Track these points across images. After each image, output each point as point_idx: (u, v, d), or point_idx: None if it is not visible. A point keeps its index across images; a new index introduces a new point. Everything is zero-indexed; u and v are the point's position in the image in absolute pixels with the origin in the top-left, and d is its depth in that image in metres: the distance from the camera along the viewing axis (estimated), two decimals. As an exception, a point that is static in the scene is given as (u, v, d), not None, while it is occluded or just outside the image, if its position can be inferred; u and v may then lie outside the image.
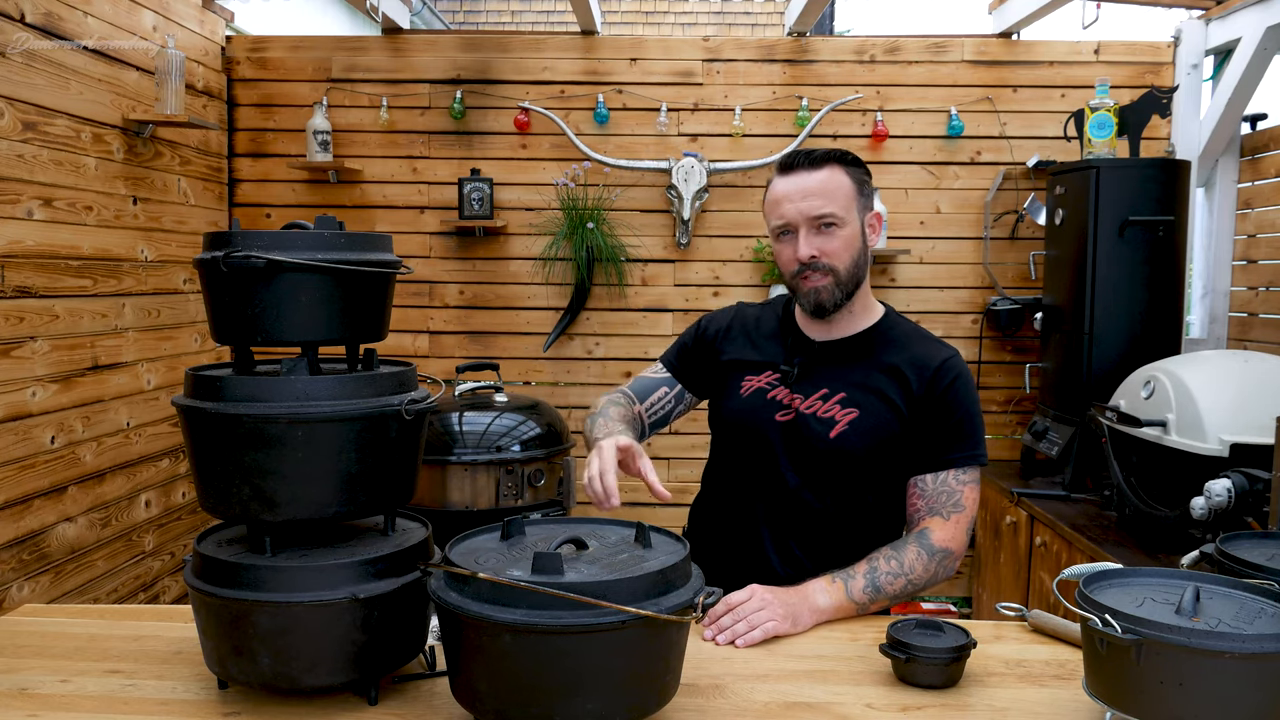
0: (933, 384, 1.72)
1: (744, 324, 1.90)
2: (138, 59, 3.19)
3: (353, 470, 1.31)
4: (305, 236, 1.32)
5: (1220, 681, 1.08)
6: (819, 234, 1.70)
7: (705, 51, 3.93)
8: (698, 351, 1.92)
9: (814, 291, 1.72)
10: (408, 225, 3.97)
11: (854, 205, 1.72)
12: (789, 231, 1.72)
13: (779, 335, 1.85)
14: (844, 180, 1.72)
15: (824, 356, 1.79)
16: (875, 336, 1.79)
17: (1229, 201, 3.78)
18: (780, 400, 1.78)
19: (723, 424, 1.87)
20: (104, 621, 1.65)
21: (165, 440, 3.37)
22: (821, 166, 1.71)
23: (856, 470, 1.74)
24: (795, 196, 1.70)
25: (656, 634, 1.15)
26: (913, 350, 1.76)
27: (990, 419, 4.03)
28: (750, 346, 1.86)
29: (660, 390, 1.93)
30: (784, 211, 1.72)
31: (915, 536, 1.69)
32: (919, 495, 1.73)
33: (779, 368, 1.79)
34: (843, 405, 1.74)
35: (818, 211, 1.69)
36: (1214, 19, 3.74)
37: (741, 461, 1.82)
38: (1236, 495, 2.08)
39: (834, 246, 1.70)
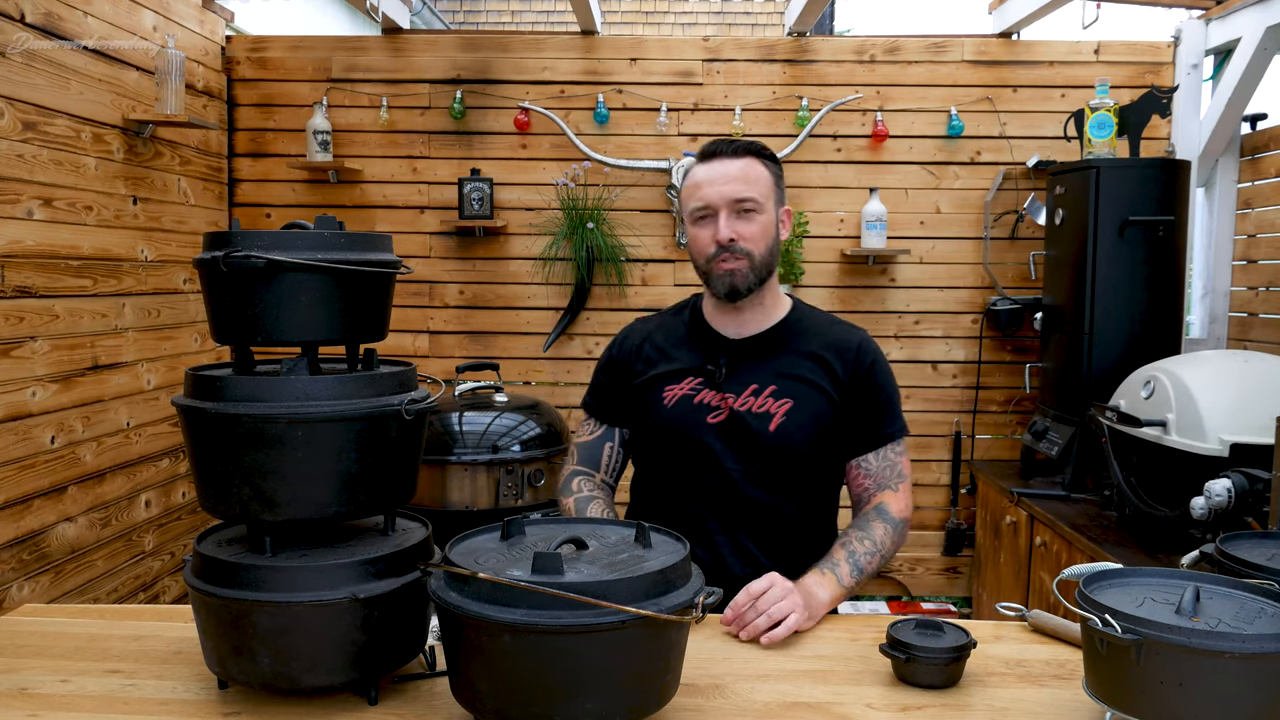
0: (856, 366, 1.79)
1: (651, 338, 1.88)
2: (138, 59, 3.19)
3: (353, 470, 1.31)
4: (305, 236, 1.32)
5: (1220, 681, 1.08)
6: (739, 218, 1.73)
7: (705, 51, 3.93)
8: (613, 387, 1.90)
9: (729, 274, 1.74)
10: (408, 225, 3.97)
11: (772, 196, 1.77)
12: (709, 215, 1.74)
13: (691, 340, 1.84)
14: (763, 172, 1.76)
15: (745, 352, 1.80)
16: (790, 327, 1.83)
17: (1229, 201, 3.78)
18: (709, 403, 1.77)
19: (652, 438, 1.85)
20: (104, 621, 1.65)
21: (165, 440, 3.37)
22: (742, 156, 1.75)
23: (800, 459, 1.77)
24: (717, 181, 1.73)
25: (656, 634, 1.15)
26: (829, 336, 1.82)
27: (990, 419, 4.03)
28: (664, 358, 1.84)
29: (606, 448, 1.91)
30: (705, 194, 1.74)
31: (875, 512, 1.75)
32: (864, 474, 1.80)
33: (702, 370, 1.80)
34: (775, 397, 1.75)
35: (739, 195, 1.72)
36: (1214, 19, 3.74)
37: (680, 470, 1.79)
38: (1236, 495, 2.08)
39: (752, 231, 1.74)
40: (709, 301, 1.86)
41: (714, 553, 1.77)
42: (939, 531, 4.06)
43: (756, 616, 1.53)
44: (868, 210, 3.84)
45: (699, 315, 1.87)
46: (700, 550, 1.77)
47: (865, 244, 3.84)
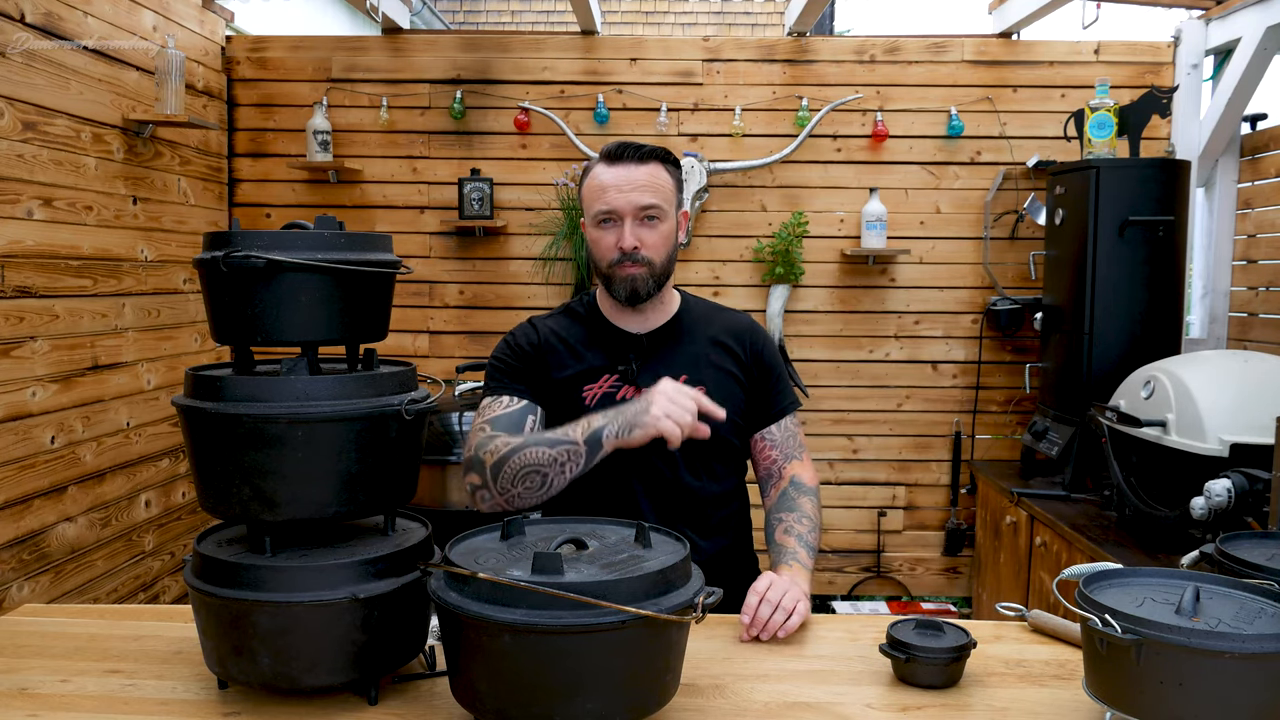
0: (752, 347, 1.88)
1: (556, 339, 1.85)
2: (138, 59, 3.19)
3: (353, 470, 1.31)
4: (305, 236, 1.32)
5: (1220, 681, 1.08)
6: (643, 225, 1.75)
7: (705, 51, 3.93)
8: (530, 370, 1.83)
9: (630, 279, 1.76)
10: (408, 225, 3.97)
11: (673, 202, 1.80)
12: (612, 220, 1.76)
13: (596, 339, 1.85)
14: (667, 178, 1.78)
15: (652, 346, 1.84)
16: (687, 316, 1.89)
17: (1229, 201, 3.78)
18: (629, 398, 1.78)
19: None
20: (104, 621, 1.65)
21: (165, 440, 3.37)
22: (648, 162, 1.77)
23: (722, 442, 1.80)
24: (624, 186, 1.74)
25: (656, 634, 1.15)
26: (721, 321, 1.90)
27: (990, 419, 4.03)
28: (574, 358, 1.83)
29: (529, 420, 1.79)
30: (610, 199, 1.74)
31: (793, 487, 1.85)
32: (770, 446, 1.88)
33: (615, 368, 1.82)
34: (690, 385, 1.75)
35: (645, 202, 1.74)
36: (1214, 19, 3.74)
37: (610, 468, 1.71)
38: (1236, 495, 2.08)
39: (654, 239, 1.76)
40: (606, 300, 1.87)
41: None
42: (939, 531, 4.06)
43: (773, 612, 1.56)
44: (868, 210, 3.84)
45: (597, 313, 1.88)
46: None
47: (865, 244, 3.84)
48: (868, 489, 4.06)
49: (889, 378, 4.01)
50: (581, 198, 1.83)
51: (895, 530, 4.05)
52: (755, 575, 1.88)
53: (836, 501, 4.03)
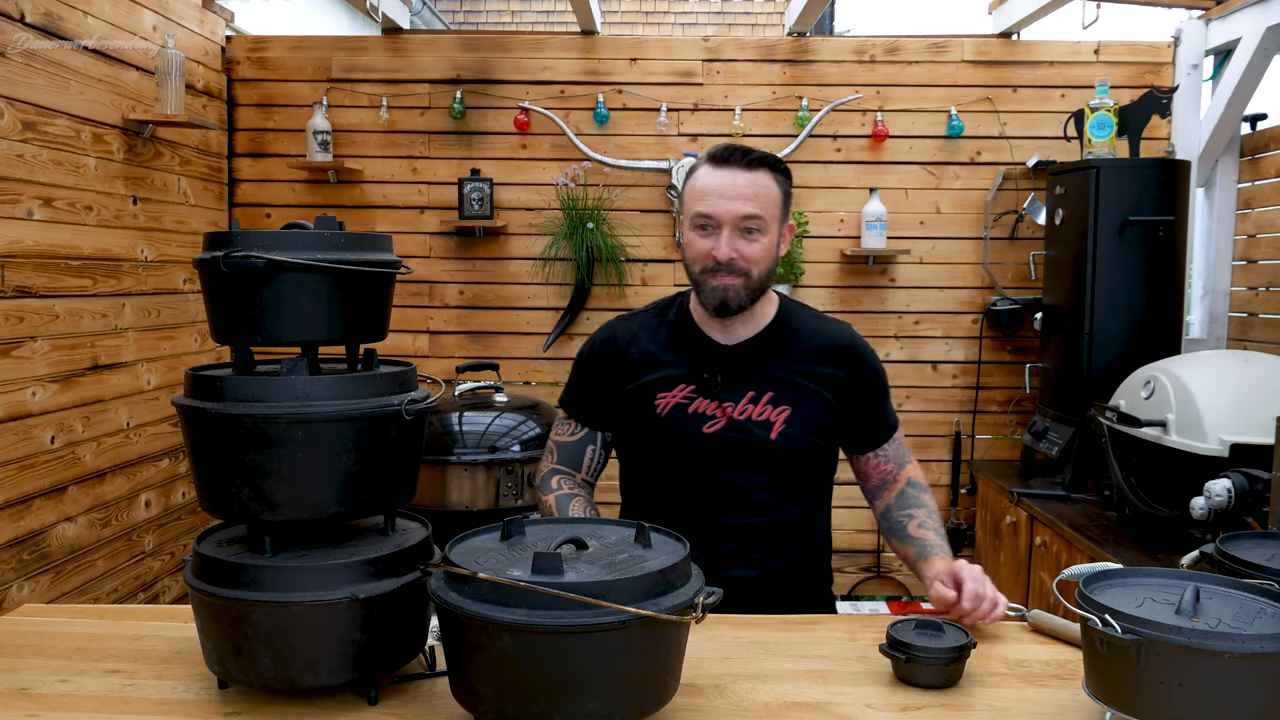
0: (853, 364, 1.79)
1: (636, 343, 1.81)
2: (138, 59, 3.19)
3: (353, 470, 1.31)
4: (305, 236, 1.32)
5: (1220, 681, 1.08)
6: (742, 236, 1.67)
7: (705, 51, 3.93)
8: (596, 387, 1.84)
9: (722, 289, 1.68)
10: (408, 225, 3.97)
11: (778, 215, 1.70)
12: (710, 226, 1.68)
13: (680, 344, 1.79)
14: (774, 188, 1.69)
15: (739, 358, 1.76)
16: (780, 329, 1.79)
17: (1229, 201, 3.78)
18: (704, 411, 1.74)
19: (646, 447, 1.80)
20: (104, 621, 1.65)
21: (165, 440, 3.37)
22: (756, 168, 1.68)
23: (802, 464, 1.77)
24: (727, 193, 1.66)
25: (656, 634, 1.15)
26: (820, 335, 1.80)
27: (990, 419, 4.03)
28: (653, 364, 1.78)
29: (588, 451, 1.86)
30: (712, 206, 1.66)
31: (911, 486, 1.82)
32: (884, 461, 1.84)
33: (697, 378, 1.75)
34: (774, 405, 1.73)
35: (746, 211, 1.65)
36: (1214, 19, 3.74)
37: (677, 477, 1.76)
38: (1236, 495, 2.08)
39: (754, 251, 1.68)
40: (698, 306, 1.80)
41: (717, 557, 1.75)
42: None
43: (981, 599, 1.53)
44: (868, 210, 3.84)
45: (687, 318, 1.81)
46: (703, 555, 1.75)
47: (865, 244, 3.84)
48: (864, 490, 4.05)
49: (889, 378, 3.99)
50: (682, 196, 1.75)
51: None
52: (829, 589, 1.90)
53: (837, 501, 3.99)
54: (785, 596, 1.77)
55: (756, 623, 1.63)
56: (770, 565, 1.76)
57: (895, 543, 1.79)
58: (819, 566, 1.89)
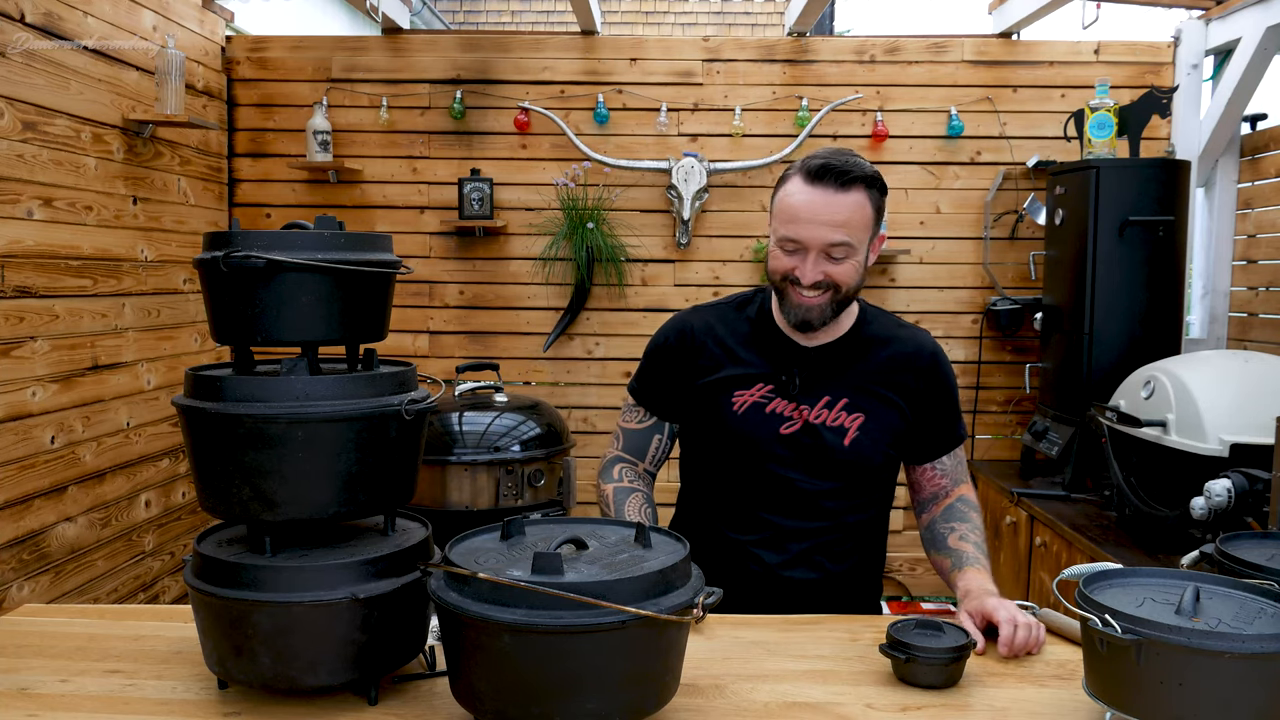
0: (930, 374, 1.77)
1: (714, 335, 1.79)
2: (138, 59, 3.19)
3: (353, 470, 1.31)
4: (305, 236, 1.32)
5: (1220, 681, 1.08)
6: (829, 260, 1.63)
7: (705, 51, 3.93)
8: (669, 377, 1.81)
9: (804, 308, 1.66)
10: (408, 225, 3.97)
11: (869, 234, 1.66)
12: (799, 250, 1.63)
13: (758, 342, 1.77)
14: (867, 208, 1.63)
15: (818, 362, 1.74)
16: (861, 334, 1.77)
17: (1229, 201, 3.78)
18: (781, 413, 1.72)
19: (718, 443, 1.77)
20: (104, 621, 1.65)
21: (165, 440, 3.37)
22: (851, 189, 1.60)
23: (873, 473, 1.76)
24: (818, 218, 1.60)
25: (656, 634, 1.15)
26: (899, 342, 1.78)
27: (990, 419, 4.03)
28: (730, 359, 1.76)
29: (654, 440, 1.85)
30: (800, 231, 1.61)
31: (960, 502, 1.79)
32: (940, 475, 1.81)
33: (775, 379, 1.73)
34: (848, 411, 1.72)
35: (835, 240, 1.61)
36: (1214, 19, 3.74)
37: (749, 477, 1.75)
38: (1236, 495, 2.08)
39: (841, 272, 1.63)
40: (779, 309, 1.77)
41: (782, 559, 1.75)
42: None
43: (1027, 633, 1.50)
44: (868, 210, 3.83)
45: (768, 316, 1.78)
46: (768, 555, 1.75)
47: (865, 244, 3.84)
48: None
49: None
50: (774, 205, 1.68)
51: (895, 530, 4.04)
52: (879, 595, 1.91)
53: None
54: (840, 600, 1.78)
55: (756, 623, 1.63)
56: (831, 570, 1.77)
57: (933, 554, 1.77)
58: (874, 573, 1.90)
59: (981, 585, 1.60)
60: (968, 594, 1.59)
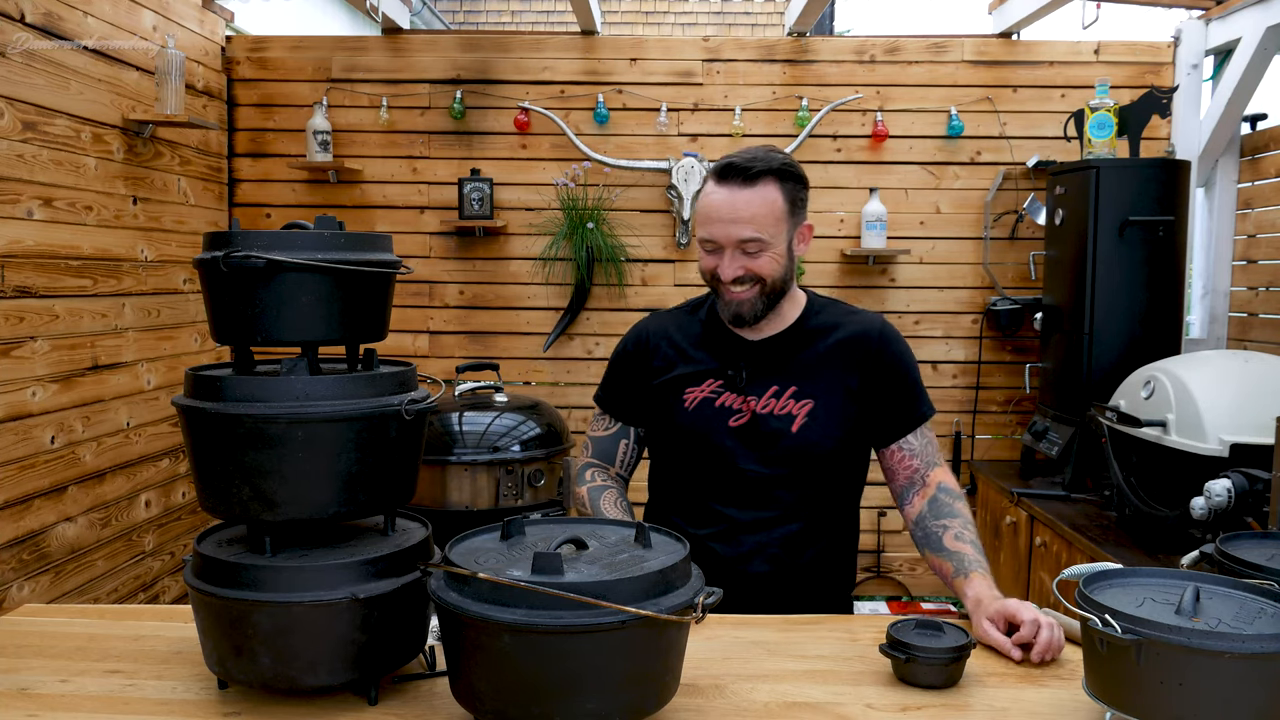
0: (878, 353, 1.77)
1: (668, 336, 1.85)
2: (138, 59, 3.19)
3: (353, 470, 1.31)
4: (305, 236, 1.32)
5: (1220, 681, 1.08)
6: (745, 255, 1.68)
7: (705, 51, 3.93)
8: (629, 383, 1.87)
9: (734, 304, 1.72)
10: (408, 225, 3.97)
11: (784, 226, 1.69)
12: (716, 249, 1.70)
13: (709, 341, 1.82)
14: (777, 199, 1.67)
15: (764, 354, 1.78)
16: (807, 323, 1.80)
17: (1229, 201, 3.78)
18: (730, 406, 1.76)
19: (672, 440, 1.83)
20: (104, 621, 1.65)
21: (165, 440, 3.37)
22: (756, 182, 1.66)
23: (824, 459, 1.76)
24: (725, 215, 1.67)
25: (656, 634, 1.15)
26: (845, 328, 1.80)
27: (990, 419, 4.03)
28: (682, 359, 1.82)
29: (621, 445, 1.91)
30: (712, 229, 1.69)
31: (944, 493, 1.75)
32: (910, 455, 1.79)
33: (723, 374, 1.78)
34: (796, 399, 1.75)
35: (744, 236, 1.66)
36: (1214, 19, 3.74)
37: (703, 471, 1.78)
38: (1236, 495, 2.08)
39: (759, 265, 1.69)
40: None
41: (738, 552, 1.76)
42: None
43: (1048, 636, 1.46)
44: (868, 210, 3.84)
45: (716, 315, 1.83)
46: (723, 549, 1.76)
47: (865, 244, 3.84)
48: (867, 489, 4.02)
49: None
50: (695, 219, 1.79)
51: (895, 530, 4.05)
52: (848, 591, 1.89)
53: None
54: (803, 595, 1.77)
55: (756, 623, 1.63)
56: (789, 562, 1.76)
57: (929, 554, 1.72)
58: (840, 567, 1.87)
59: (992, 594, 1.57)
60: (979, 602, 1.55)
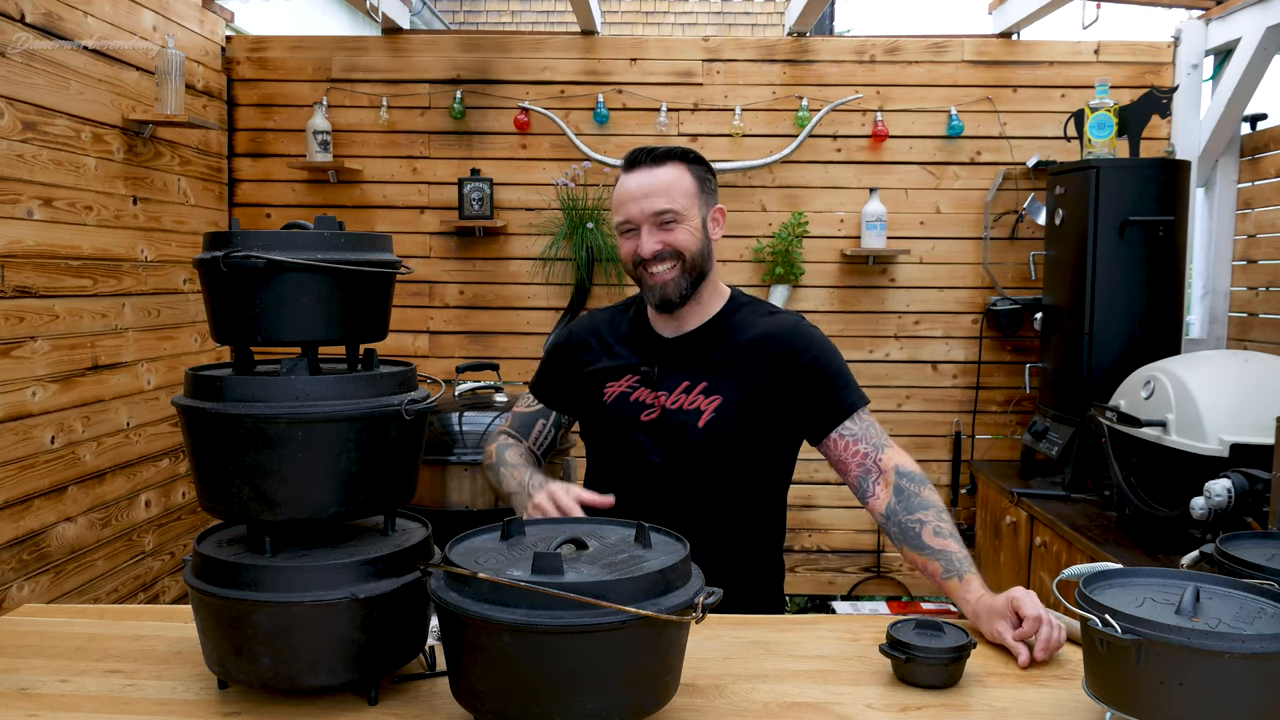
0: (793, 355, 1.76)
1: (597, 333, 1.91)
2: (138, 59, 3.19)
3: (353, 470, 1.31)
4: (305, 236, 1.32)
5: (1220, 681, 1.08)
6: (661, 229, 1.74)
7: (705, 51, 3.93)
8: (558, 374, 1.94)
9: (659, 286, 1.75)
10: (408, 225, 3.97)
11: (696, 202, 1.76)
12: (632, 229, 1.76)
13: (631, 338, 1.87)
14: (685, 178, 1.76)
15: (679, 351, 1.82)
16: (723, 321, 1.83)
17: (1229, 201, 3.78)
18: (644, 400, 1.80)
19: (592, 433, 1.89)
20: (104, 621, 1.65)
21: (165, 440, 3.37)
22: (663, 163, 1.75)
23: (732, 454, 1.77)
24: (638, 194, 1.74)
25: (656, 634, 1.15)
26: (763, 326, 1.81)
27: (990, 419, 4.03)
28: (606, 354, 1.87)
29: (539, 423, 1.96)
30: (628, 210, 1.75)
31: (905, 479, 1.70)
32: (854, 441, 1.75)
33: (638, 369, 1.82)
34: (705, 394, 1.77)
35: (658, 208, 1.73)
36: (1214, 19, 3.74)
37: (620, 464, 1.83)
38: (1236, 495, 2.08)
39: (677, 238, 1.74)
40: None
41: None
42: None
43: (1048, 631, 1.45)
44: (868, 210, 3.84)
45: (643, 313, 1.89)
46: None
47: (865, 244, 3.84)
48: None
49: (889, 378, 4.01)
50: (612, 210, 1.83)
51: (895, 530, 4.05)
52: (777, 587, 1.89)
53: (837, 501, 4.02)
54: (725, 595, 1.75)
55: (756, 623, 1.63)
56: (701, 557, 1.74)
57: (909, 551, 1.67)
58: (763, 563, 1.87)
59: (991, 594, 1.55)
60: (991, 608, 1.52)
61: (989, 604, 1.53)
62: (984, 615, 1.53)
